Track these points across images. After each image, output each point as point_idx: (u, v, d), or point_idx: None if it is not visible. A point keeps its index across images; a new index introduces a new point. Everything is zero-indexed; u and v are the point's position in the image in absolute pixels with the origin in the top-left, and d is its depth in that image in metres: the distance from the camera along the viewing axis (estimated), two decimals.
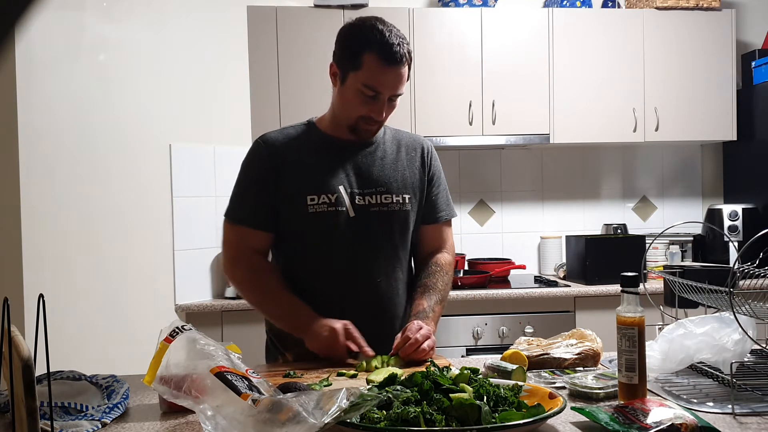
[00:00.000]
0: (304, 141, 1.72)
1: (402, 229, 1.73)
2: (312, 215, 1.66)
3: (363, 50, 1.59)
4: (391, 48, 1.58)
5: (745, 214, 3.54)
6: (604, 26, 3.50)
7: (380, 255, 1.71)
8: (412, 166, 1.77)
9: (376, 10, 3.36)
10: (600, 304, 3.17)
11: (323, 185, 1.67)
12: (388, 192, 1.70)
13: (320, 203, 1.66)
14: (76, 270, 2.76)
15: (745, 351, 1.32)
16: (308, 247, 1.71)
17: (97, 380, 1.33)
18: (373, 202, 1.69)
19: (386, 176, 1.72)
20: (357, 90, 1.61)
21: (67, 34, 2.76)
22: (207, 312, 3.05)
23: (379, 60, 1.58)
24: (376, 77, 1.59)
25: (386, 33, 1.60)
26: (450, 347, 3.11)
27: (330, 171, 1.69)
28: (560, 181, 3.87)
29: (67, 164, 2.75)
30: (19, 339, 0.93)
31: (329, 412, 0.98)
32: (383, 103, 1.63)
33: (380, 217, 1.69)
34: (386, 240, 1.72)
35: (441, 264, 1.79)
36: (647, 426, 1.04)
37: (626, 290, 1.23)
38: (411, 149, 1.78)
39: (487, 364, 1.44)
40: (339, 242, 1.68)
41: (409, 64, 1.64)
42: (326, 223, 1.66)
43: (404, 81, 1.63)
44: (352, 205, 1.68)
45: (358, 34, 1.63)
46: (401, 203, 1.71)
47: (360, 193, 1.69)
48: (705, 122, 3.56)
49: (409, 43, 1.67)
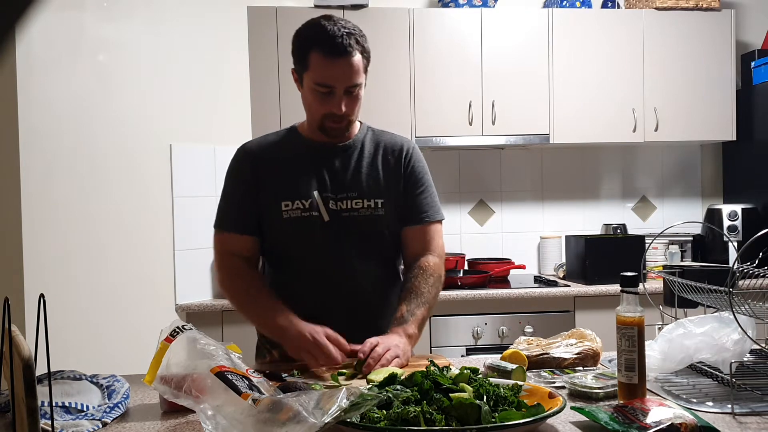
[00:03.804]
0: (283, 147, 1.75)
1: (374, 234, 1.73)
2: (287, 221, 1.68)
3: (309, 50, 1.61)
4: (333, 41, 1.58)
5: (745, 214, 3.55)
6: (604, 26, 3.50)
7: (354, 260, 1.71)
8: (389, 168, 1.74)
9: (376, 10, 3.36)
10: (600, 304, 3.17)
11: (297, 191, 1.69)
12: (359, 197, 1.70)
13: (294, 209, 1.68)
14: (76, 270, 2.76)
15: (744, 351, 1.32)
16: (286, 252, 1.73)
17: (98, 380, 1.33)
18: (344, 207, 1.69)
19: (358, 180, 1.71)
20: (312, 89, 1.63)
21: (67, 34, 2.76)
22: (207, 312, 3.05)
23: (324, 56, 1.59)
24: (324, 73, 1.60)
25: (329, 28, 1.60)
26: (450, 347, 3.11)
27: (305, 176, 1.70)
28: (560, 181, 3.87)
29: (67, 164, 2.75)
30: (20, 339, 0.93)
31: (329, 411, 0.98)
32: (340, 97, 1.62)
33: (351, 222, 1.69)
34: (359, 245, 1.71)
35: (424, 267, 1.73)
36: (647, 426, 1.04)
37: (626, 290, 1.24)
38: (390, 151, 1.76)
39: (487, 364, 1.44)
40: (315, 247, 1.70)
41: (362, 53, 1.62)
42: (301, 229, 1.68)
43: (357, 71, 1.61)
44: (327, 209, 1.68)
45: (303, 35, 1.65)
46: (372, 208, 1.70)
47: (334, 198, 1.69)
48: (704, 122, 3.56)
49: (363, 35, 1.65)
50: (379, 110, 3.18)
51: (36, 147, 2.65)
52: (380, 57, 3.44)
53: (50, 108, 2.69)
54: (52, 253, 2.68)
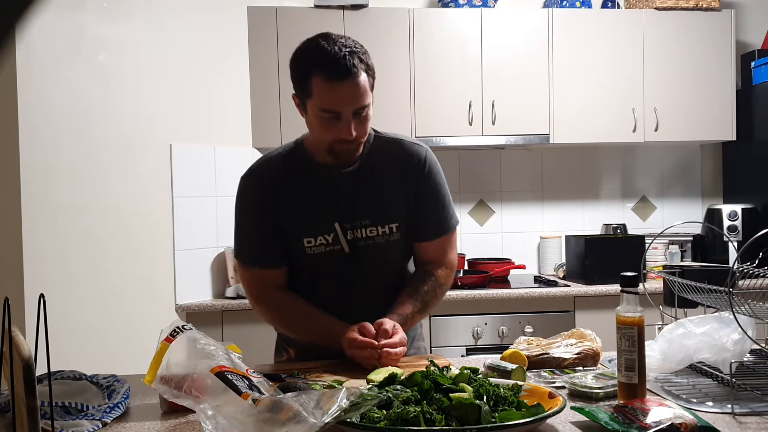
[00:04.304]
0: (295, 173, 1.64)
1: (392, 260, 1.69)
2: (309, 257, 1.63)
3: (310, 75, 1.49)
4: (336, 63, 1.46)
5: (745, 214, 3.55)
6: (604, 26, 3.50)
7: (372, 288, 1.67)
8: (401, 185, 1.66)
9: (376, 10, 3.36)
10: (599, 303, 3.17)
11: (319, 226, 1.62)
12: (372, 224, 1.63)
13: (317, 245, 1.62)
14: (76, 270, 2.76)
15: (744, 351, 1.32)
16: (304, 284, 1.69)
17: (98, 380, 1.33)
18: (359, 236, 1.63)
19: (369, 206, 1.63)
20: (317, 116, 1.52)
21: (67, 34, 2.76)
22: (207, 312, 3.05)
23: (327, 80, 1.47)
24: (329, 98, 1.48)
25: (330, 49, 1.47)
26: (450, 347, 3.11)
27: (323, 208, 1.62)
28: (560, 181, 3.87)
29: (67, 164, 2.75)
30: (20, 339, 0.93)
31: (329, 411, 0.98)
32: (348, 121, 1.51)
33: (367, 251, 1.64)
34: (377, 274, 1.67)
35: (429, 271, 1.71)
36: (647, 425, 1.04)
37: (626, 290, 1.23)
38: (402, 165, 1.66)
39: (487, 364, 1.44)
40: (336, 279, 1.66)
41: (367, 71, 1.51)
42: (324, 262, 1.63)
43: (364, 92, 1.50)
44: (346, 240, 1.62)
45: (302, 59, 1.53)
46: (387, 234, 1.64)
47: (350, 227, 1.63)
48: (704, 122, 3.57)
49: (365, 51, 1.53)
50: (379, 110, 3.14)
51: (36, 147, 2.65)
52: (380, 57, 3.44)
53: (50, 108, 2.69)
54: (52, 253, 2.68)
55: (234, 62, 3.28)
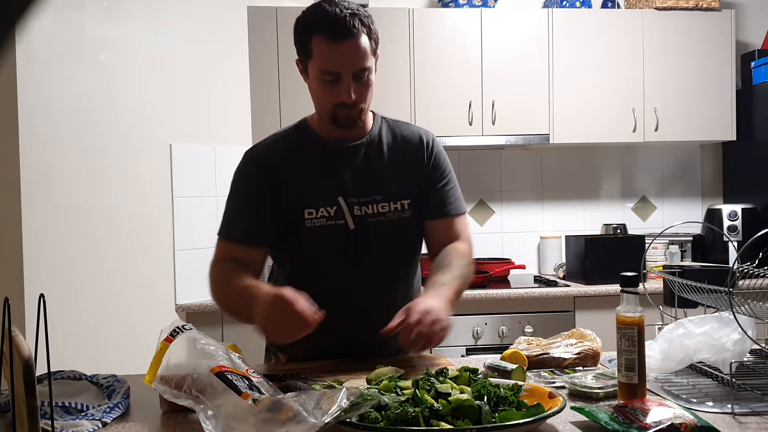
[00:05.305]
0: (295, 148, 1.62)
1: (403, 238, 1.64)
2: (309, 230, 1.56)
3: (311, 35, 1.49)
4: (337, 23, 1.45)
5: (745, 214, 3.55)
6: (604, 26, 3.50)
7: (380, 268, 1.62)
8: (410, 163, 1.64)
9: (376, 10, 3.36)
10: (600, 303, 3.17)
11: (321, 197, 1.57)
12: (384, 200, 1.59)
13: (318, 217, 1.56)
14: (76, 270, 2.76)
15: (744, 351, 1.32)
16: (305, 262, 1.62)
17: (98, 380, 1.33)
18: (369, 212, 1.58)
19: (381, 181, 1.60)
20: (318, 78, 1.51)
21: (67, 34, 2.76)
22: (207, 312, 3.05)
23: (327, 40, 1.46)
24: (329, 58, 1.48)
25: (331, 9, 1.47)
26: (450, 347, 3.11)
27: (327, 179, 1.58)
28: (560, 181, 3.87)
29: (67, 164, 2.75)
30: (20, 339, 0.93)
31: (329, 411, 0.98)
32: (348, 84, 1.49)
33: (378, 227, 1.59)
34: (386, 252, 1.62)
35: (456, 248, 1.65)
36: (647, 426, 1.04)
37: (626, 290, 1.23)
38: (410, 144, 1.66)
39: (487, 364, 1.44)
40: (338, 256, 1.59)
41: (368, 34, 1.50)
42: (325, 238, 1.57)
43: (364, 54, 1.49)
44: (352, 216, 1.57)
45: (304, 21, 1.52)
46: (399, 210, 1.60)
47: (358, 202, 1.58)
48: (704, 122, 3.57)
49: (369, 15, 1.52)
50: (379, 110, 3.17)
51: (36, 147, 2.65)
52: (380, 57, 3.44)
53: (50, 108, 2.69)
54: (52, 253, 2.68)
55: (234, 62, 3.28)
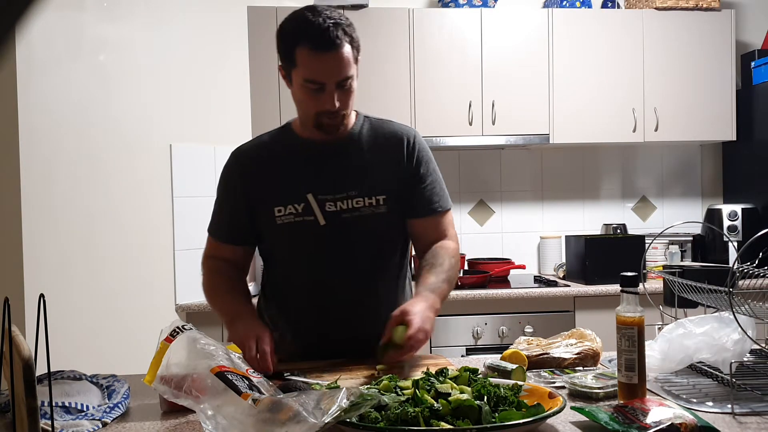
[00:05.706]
0: (275, 148, 1.68)
1: (379, 233, 1.66)
2: (281, 227, 1.62)
3: (295, 45, 1.53)
4: (321, 35, 1.49)
5: (745, 214, 3.55)
6: (604, 26, 3.50)
7: (357, 264, 1.64)
8: (390, 161, 1.66)
9: (376, 10, 3.36)
10: (600, 303, 3.17)
11: (290, 195, 1.61)
12: (359, 195, 1.61)
13: (287, 214, 1.61)
14: (76, 270, 2.76)
15: (744, 351, 1.32)
16: (281, 259, 1.70)
17: (98, 380, 1.33)
18: (344, 207, 1.61)
19: (357, 178, 1.63)
20: (302, 87, 1.55)
21: (67, 34, 2.76)
22: (207, 312, 3.05)
23: (311, 51, 1.51)
24: (313, 68, 1.52)
25: (314, 20, 1.51)
26: (450, 347, 3.11)
27: (298, 178, 1.63)
28: (560, 181, 3.87)
29: (67, 164, 2.75)
30: (20, 339, 0.93)
31: (329, 411, 0.98)
32: (331, 92, 1.53)
33: (353, 223, 1.61)
34: (362, 247, 1.64)
35: (444, 247, 1.69)
36: (647, 425, 1.04)
37: (626, 290, 1.24)
38: (390, 143, 1.67)
39: (487, 364, 1.44)
40: (310, 253, 1.64)
41: (351, 43, 1.54)
42: (296, 235, 1.62)
43: (347, 64, 1.53)
44: (323, 212, 1.61)
45: (287, 30, 1.56)
46: (374, 206, 1.62)
47: (331, 198, 1.61)
48: (704, 122, 3.57)
49: (350, 23, 1.56)
50: (378, 110, 3.13)
51: (36, 147, 2.65)
52: (380, 57, 3.45)
53: (50, 108, 2.69)
54: (52, 253, 2.68)
55: (234, 62, 3.28)
